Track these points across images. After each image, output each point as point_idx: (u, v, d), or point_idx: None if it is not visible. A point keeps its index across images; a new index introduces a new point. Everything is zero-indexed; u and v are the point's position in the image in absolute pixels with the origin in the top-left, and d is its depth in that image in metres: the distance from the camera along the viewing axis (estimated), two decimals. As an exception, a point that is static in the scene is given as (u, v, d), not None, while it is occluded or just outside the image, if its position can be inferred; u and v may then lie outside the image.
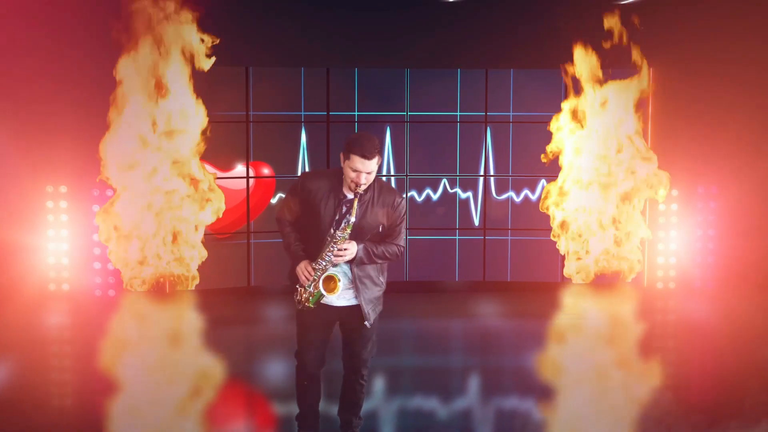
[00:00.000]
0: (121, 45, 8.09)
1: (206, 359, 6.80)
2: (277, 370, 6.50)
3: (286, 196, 4.81)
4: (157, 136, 8.23)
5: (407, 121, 8.81)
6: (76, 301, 8.29)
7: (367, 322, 4.70)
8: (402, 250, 4.75)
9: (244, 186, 8.63)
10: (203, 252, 8.47)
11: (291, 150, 8.68)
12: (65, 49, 8.19)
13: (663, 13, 8.60)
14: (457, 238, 8.95)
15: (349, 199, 4.62)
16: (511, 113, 8.79)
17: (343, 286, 4.63)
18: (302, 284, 4.64)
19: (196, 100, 8.27)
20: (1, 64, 8.19)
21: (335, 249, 4.57)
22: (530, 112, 8.77)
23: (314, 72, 8.65)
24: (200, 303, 8.33)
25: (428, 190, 8.89)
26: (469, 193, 8.91)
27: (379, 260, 4.69)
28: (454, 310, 8.39)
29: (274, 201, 8.69)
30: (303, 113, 8.66)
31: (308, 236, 4.69)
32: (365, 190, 4.60)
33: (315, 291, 4.63)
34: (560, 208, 8.81)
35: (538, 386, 6.18)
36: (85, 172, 8.30)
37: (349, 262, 4.63)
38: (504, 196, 8.93)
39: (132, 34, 8.11)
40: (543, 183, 8.86)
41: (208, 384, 6.19)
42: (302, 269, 4.63)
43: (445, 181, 8.90)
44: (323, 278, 4.60)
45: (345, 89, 8.69)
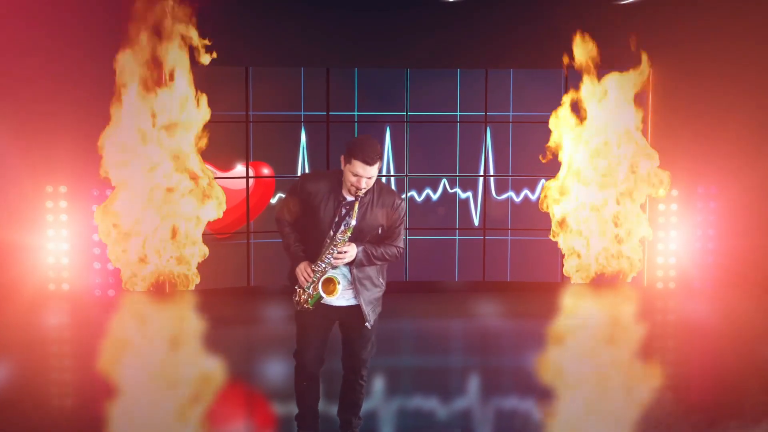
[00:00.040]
0: (120, 40, 8.10)
1: (206, 359, 6.80)
2: (277, 370, 6.49)
3: (285, 197, 4.81)
4: (156, 130, 8.22)
5: (407, 121, 8.80)
6: (75, 301, 8.29)
7: (368, 324, 4.70)
8: (401, 251, 4.74)
9: (244, 186, 8.63)
10: (204, 249, 8.46)
11: (291, 150, 8.68)
12: (65, 49, 8.20)
13: (663, 13, 8.60)
14: (457, 238, 8.95)
15: (349, 201, 4.61)
16: (511, 113, 8.79)
17: (342, 288, 4.63)
18: (301, 285, 4.65)
19: (197, 93, 8.26)
20: (1, 64, 8.20)
21: (335, 252, 4.56)
22: (530, 112, 8.77)
23: (314, 72, 8.65)
24: (200, 303, 8.33)
25: (428, 190, 8.89)
26: (469, 193, 8.91)
27: (379, 262, 4.69)
28: (454, 310, 8.38)
29: (274, 201, 8.68)
30: (303, 113, 8.66)
31: (307, 237, 4.69)
32: (365, 192, 4.59)
33: (314, 293, 4.63)
34: (560, 203, 8.77)
35: (538, 386, 6.18)
36: (84, 172, 8.31)
37: (349, 264, 4.63)
38: (504, 196, 8.93)
39: (131, 29, 8.11)
40: (543, 183, 8.86)
41: (207, 384, 6.19)
42: (301, 271, 4.63)
43: (444, 181, 8.90)
44: (322, 280, 4.60)
45: (345, 89, 8.69)
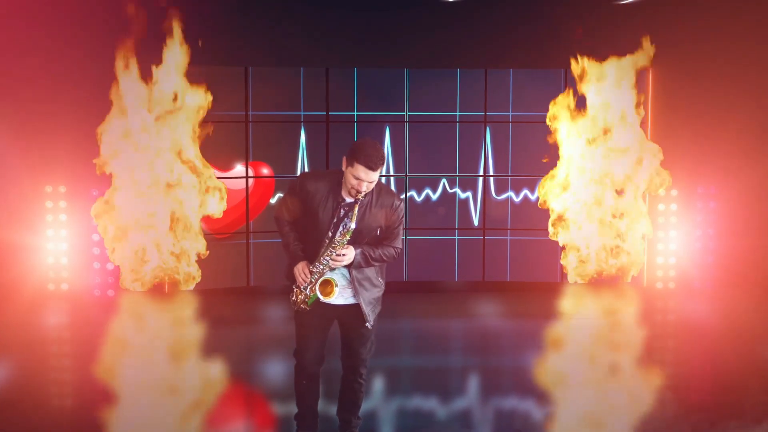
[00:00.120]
0: (120, 39, 8.12)
1: (205, 359, 6.80)
2: (276, 370, 6.49)
3: (284, 196, 4.79)
4: (154, 123, 8.21)
5: (407, 121, 8.80)
6: (75, 301, 8.29)
7: (368, 324, 4.70)
8: (399, 252, 4.73)
9: (244, 186, 8.63)
10: (203, 242, 8.44)
11: (290, 150, 8.68)
12: (65, 49, 8.19)
13: (663, 13, 8.60)
14: (457, 238, 8.95)
15: (348, 202, 4.59)
16: (511, 113, 8.79)
17: (339, 290, 4.62)
18: (299, 285, 4.64)
19: (192, 87, 8.25)
20: (1, 64, 8.20)
21: (333, 254, 4.56)
22: (530, 112, 8.76)
23: (313, 72, 8.65)
24: (199, 303, 8.33)
25: (428, 190, 8.89)
26: (469, 193, 8.91)
27: (377, 263, 4.68)
28: (454, 310, 8.38)
29: (274, 201, 8.68)
30: (302, 113, 8.65)
31: (306, 237, 4.68)
32: (365, 194, 4.58)
33: (311, 294, 4.62)
34: (559, 197, 8.73)
35: (537, 386, 6.18)
36: (84, 173, 8.30)
37: (347, 266, 4.63)
38: (503, 196, 8.92)
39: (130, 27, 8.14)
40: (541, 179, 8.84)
41: (207, 384, 6.18)
42: (299, 271, 4.62)
43: (444, 181, 8.89)
44: (320, 282, 4.59)
45: (344, 89, 8.69)
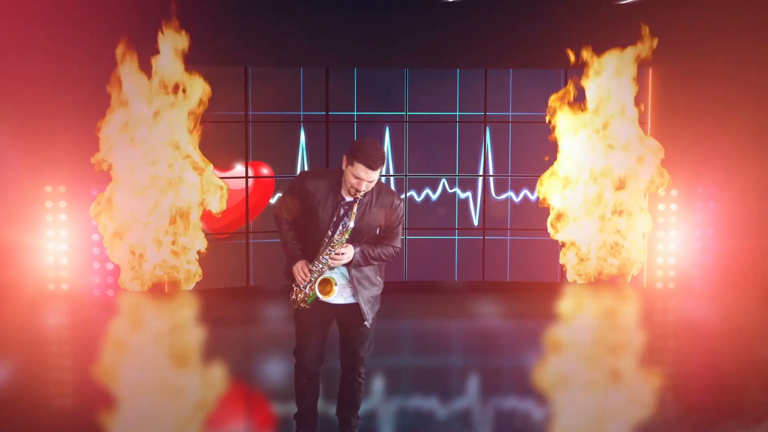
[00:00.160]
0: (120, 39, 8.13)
1: (205, 359, 6.80)
2: (276, 369, 6.49)
3: (284, 195, 4.79)
4: (153, 117, 8.21)
5: (406, 121, 8.80)
6: (75, 301, 8.29)
7: (367, 322, 4.70)
8: (398, 251, 4.74)
9: (243, 186, 8.63)
10: (203, 241, 8.44)
11: (290, 150, 8.68)
12: (65, 49, 8.19)
13: (663, 13, 8.60)
14: (456, 238, 8.95)
15: (348, 201, 4.60)
16: (510, 113, 8.79)
17: (338, 289, 4.62)
18: (298, 284, 4.65)
19: (191, 75, 8.24)
20: (1, 64, 8.20)
21: (332, 252, 4.56)
22: (529, 112, 8.76)
23: (313, 72, 8.65)
24: (199, 303, 8.33)
25: (427, 190, 8.89)
26: (469, 193, 8.91)
27: (376, 262, 4.69)
28: (454, 310, 8.38)
29: (273, 201, 8.68)
30: (302, 113, 8.66)
31: (306, 236, 4.68)
32: (364, 193, 4.58)
33: (310, 293, 4.63)
34: (559, 194, 8.73)
35: (537, 386, 6.18)
36: (84, 173, 8.30)
37: (346, 265, 4.63)
38: (503, 196, 8.92)
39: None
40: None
41: (207, 384, 6.19)
42: (298, 270, 4.62)
43: (444, 181, 8.89)
44: (319, 281, 4.59)
45: (344, 89, 8.69)
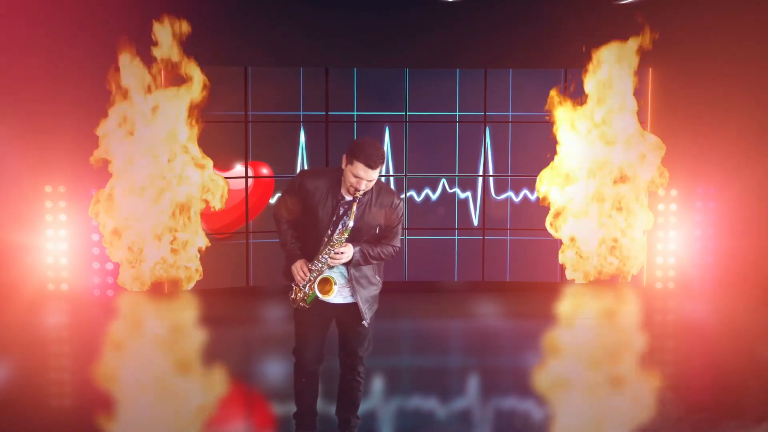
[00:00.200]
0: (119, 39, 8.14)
1: (205, 359, 6.80)
2: (276, 369, 6.49)
3: (283, 194, 4.79)
4: (151, 111, 8.21)
5: (406, 121, 8.80)
6: (74, 301, 8.29)
7: (365, 322, 4.70)
8: (397, 251, 4.75)
9: (243, 186, 8.63)
10: (204, 239, 8.45)
11: (290, 150, 8.69)
12: (65, 49, 8.19)
13: (663, 13, 8.59)
14: (456, 238, 8.95)
15: (348, 201, 4.60)
16: (510, 113, 8.79)
17: (338, 288, 4.62)
18: (297, 284, 4.65)
19: (188, 60, 8.21)
20: (1, 64, 8.20)
21: (332, 252, 4.56)
22: (529, 112, 8.76)
23: (313, 72, 8.65)
24: (199, 303, 8.33)
25: (427, 190, 8.89)
26: (468, 193, 8.91)
27: (375, 261, 4.69)
28: (453, 310, 8.38)
29: (273, 201, 8.69)
30: (302, 113, 8.66)
31: (305, 236, 4.68)
32: (364, 192, 4.58)
33: (310, 292, 4.63)
34: (558, 190, 8.73)
35: (537, 386, 6.18)
36: (84, 173, 8.30)
37: (345, 264, 4.63)
38: (503, 196, 8.92)
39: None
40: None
41: (206, 383, 6.19)
42: (297, 269, 4.62)
43: (444, 181, 8.89)
44: (319, 280, 4.59)
45: (344, 89, 8.69)
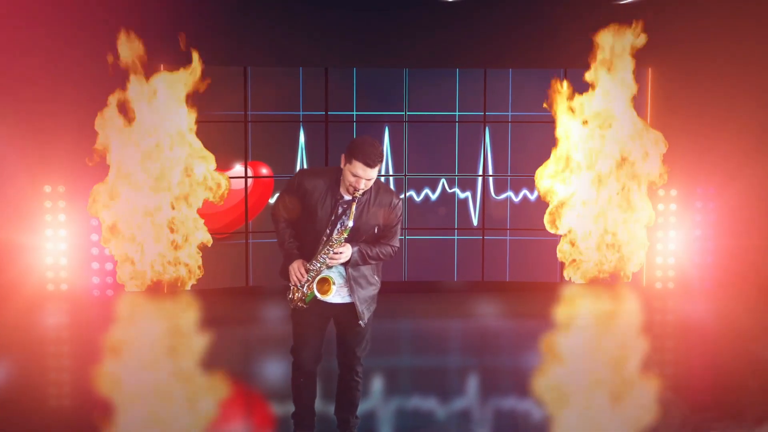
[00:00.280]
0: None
1: (204, 359, 6.80)
2: (275, 369, 6.49)
3: (282, 193, 4.78)
4: (148, 107, 8.21)
5: (406, 121, 8.80)
6: (74, 302, 8.29)
7: (362, 321, 4.70)
8: (396, 251, 4.74)
9: (242, 186, 8.63)
10: (206, 236, 8.45)
11: (289, 150, 8.69)
12: (65, 49, 8.19)
13: (662, 13, 8.59)
14: (456, 238, 8.94)
15: (347, 200, 4.60)
16: (510, 113, 8.79)
17: (336, 288, 4.62)
18: (295, 284, 4.64)
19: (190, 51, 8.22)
20: (1, 64, 8.20)
21: (330, 252, 4.56)
22: (529, 112, 8.76)
23: (313, 72, 8.65)
24: (198, 303, 8.33)
25: (427, 190, 8.89)
26: (468, 193, 8.91)
27: (373, 261, 4.69)
28: (453, 310, 8.38)
29: (273, 201, 8.68)
30: (301, 113, 8.66)
31: (304, 235, 4.68)
32: (363, 192, 4.58)
33: (308, 292, 4.62)
34: (558, 187, 8.72)
35: (536, 387, 6.18)
36: (83, 173, 8.30)
37: (344, 264, 4.63)
38: (503, 196, 8.92)
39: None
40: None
41: (205, 383, 6.19)
42: (295, 270, 4.62)
43: (443, 181, 8.89)
44: (317, 280, 4.59)
45: (343, 89, 8.69)
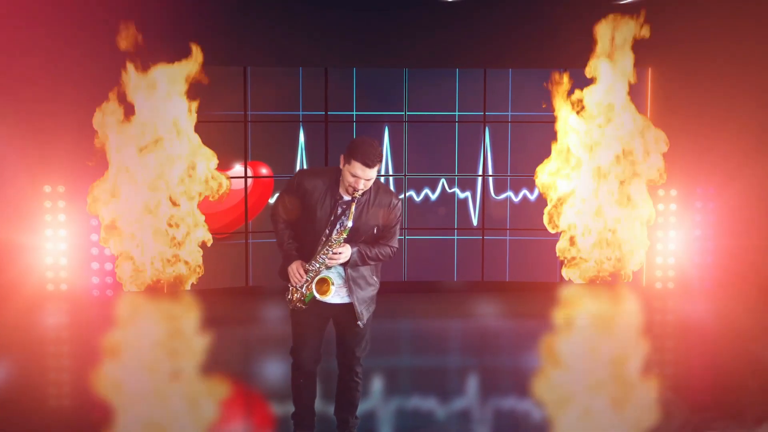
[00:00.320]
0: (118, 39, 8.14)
1: (204, 359, 6.80)
2: (275, 369, 6.49)
3: (281, 194, 4.78)
4: (147, 101, 8.21)
5: (406, 121, 8.80)
6: (74, 302, 8.29)
7: (360, 322, 4.70)
8: (395, 251, 4.74)
9: (242, 186, 8.63)
10: (207, 234, 8.45)
11: (289, 150, 8.69)
12: (65, 49, 8.19)
13: (662, 13, 8.59)
14: (456, 238, 8.94)
15: (346, 200, 4.60)
16: (510, 113, 8.79)
17: (336, 288, 4.62)
18: (293, 284, 4.64)
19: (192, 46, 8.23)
20: (1, 64, 8.19)
21: (329, 252, 4.56)
22: (529, 112, 8.76)
23: (312, 72, 8.65)
24: (198, 303, 8.33)
25: (426, 190, 8.89)
26: (468, 193, 8.91)
27: (373, 262, 4.69)
28: (453, 310, 8.38)
29: (272, 201, 8.68)
30: (301, 113, 8.66)
31: (303, 235, 4.68)
32: (362, 192, 4.58)
33: (307, 292, 4.62)
34: (557, 183, 8.71)
35: (536, 387, 6.18)
36: (83, 173, 8.30)
37: (343, 265, 4.63)
38: (502, 196, 8.92)
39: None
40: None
41: (205, 383, 6.19)
42: (294, 271, 4.62)
43: (443, 181, 8.89)
44: (316, 280, 4.59)
45: (343, 89, 8.69)
